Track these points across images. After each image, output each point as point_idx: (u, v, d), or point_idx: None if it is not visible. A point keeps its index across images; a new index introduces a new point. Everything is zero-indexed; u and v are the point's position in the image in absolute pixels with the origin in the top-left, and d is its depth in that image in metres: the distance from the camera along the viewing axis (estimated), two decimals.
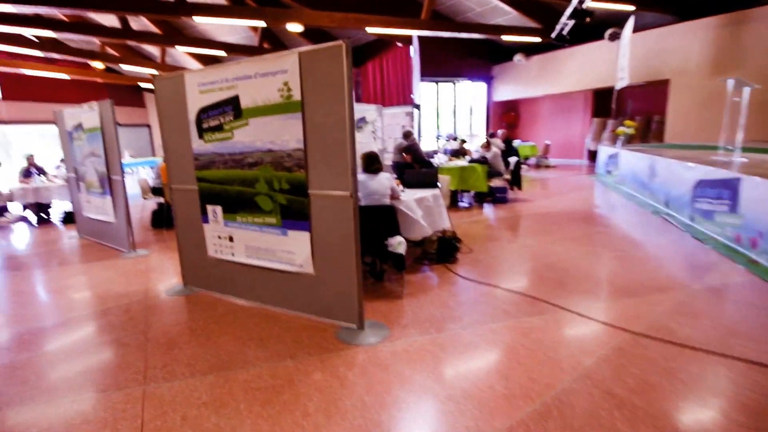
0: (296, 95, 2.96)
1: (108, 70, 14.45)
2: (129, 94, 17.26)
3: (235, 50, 11.11)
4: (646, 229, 5.80)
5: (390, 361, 2.74)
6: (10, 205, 8.04)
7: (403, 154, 5.18)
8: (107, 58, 11.40)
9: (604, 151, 10.70)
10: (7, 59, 11.47)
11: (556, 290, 3.73)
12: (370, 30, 9.49)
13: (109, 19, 11.11)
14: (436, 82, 14.90)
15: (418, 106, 13.27)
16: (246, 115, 3.23)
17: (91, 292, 4.25)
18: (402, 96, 14.65)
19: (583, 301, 3.50)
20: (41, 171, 8.25)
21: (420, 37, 11.00)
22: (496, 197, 7.97)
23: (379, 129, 9.32)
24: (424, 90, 14.43)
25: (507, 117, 16.68)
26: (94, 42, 11.66)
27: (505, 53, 14.52)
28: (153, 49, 13.33)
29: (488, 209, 7.63)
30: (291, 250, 3.26)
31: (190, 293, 3.98)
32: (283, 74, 2.99)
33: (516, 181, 8.20)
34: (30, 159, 8.28)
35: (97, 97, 16.05)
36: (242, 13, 7.76)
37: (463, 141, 8.94)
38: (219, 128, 3.40)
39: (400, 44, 13.73)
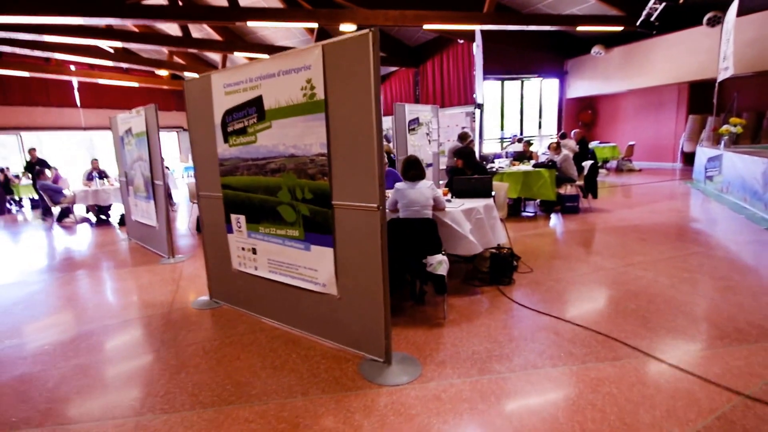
0: (320, 94, 2.58)
1: (174, 77, 15.31)
2: None
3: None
4: (760, 251, 4.70)
5: (417, 409, 2.25)
6: (76, 207, 8.58)
7: (456, 158, 4.62)
8: (173, 66, 12.02)
9: (704, 153, 9.21)
10: (86, 69, 12.58)
11: (637, 328, 2.98)
12: (427, 27, 8.97)
13: (174, 29, 11.68)
14: (502, 80, 14.00)
15: (480, 106, 12.53)
16: (269, 117, 2.90)
17: (119, 301, 4.18)
18: (463, 96, 13.95)
19: (674, 345, 2.74)
20: (103, 174, 8.72)
21: (483, 32, 10.29)
22: (565, 206, 7.09)
23: (434, 131, 8.77)
24: (487, 89, 13.63)
25: (582, 115, 15.27)
26: (162, 51, 12.35)
27: (581, 45, 13.26)
28: (216, 57, 13.88)
29: (556, 220, 6.79)
30: (314, 267, 2.88)
31: (216, 307, 3.75)
32: (307, 71, 2.62)
33: (591, 188, 7.24)
34: (94, 163, 8.82)
35: (165, 103, 17.32)
36: (295, 15, 7.65)
37: (528, 142, 8.11)
38: (243, 131, 3.11)
39: (461, 41, 13.07)
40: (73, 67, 12.32)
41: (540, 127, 15.10)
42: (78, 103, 14.60)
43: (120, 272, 5.14)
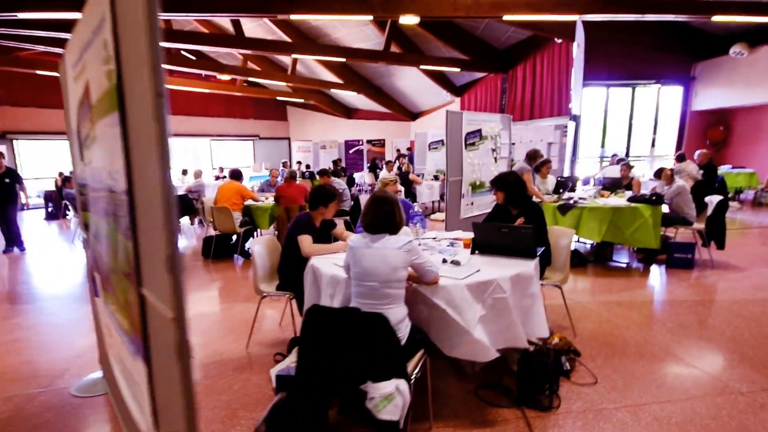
0: (115, 72, 1.32)
1: (251, 84, 15.36)
2: (271, 108, 18.08)
3: (359, 56, 10.25)
4: None
5: None
6: None
7: (495, 189, 3.17)
8: (248, 72, 11.88)
9: None
10: (167, 76, 12.94)
11: None
12: (508, 18, 7.38)
13: (247, 31, 11.47)
14: (608, 86, 11.71)
15: (575, 118, 10.51)
16: (95, 118, 1.73)
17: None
18: (557, 106, 11.88)
19: None
20: None
21: (587, 27, 8.37)
22: (673, 258, 5.10)
23: (504, 146, 7.19)
24: (589, 97, 11.50)
25: (711, 132, 12.20)
26: (237, 57, 12.31)
27: (715, 44, 10.47)
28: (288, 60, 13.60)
29: (657, 277, 4.87)
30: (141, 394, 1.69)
31: (103, 393, 2.73)
32: (102, 31, 1.38)
33: (715, 233, 5.15)
34: None
35: (242, 110, 17.56)
36: (346, 7, 6.67)
37: (628, 165, 6.15)
38: (87, 141, 1.94)
39: (559, 40, 11.09)
40: None
41: (653, 145, 12.42)
42: None
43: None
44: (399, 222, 2.12)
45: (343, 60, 10.60)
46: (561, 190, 5.63)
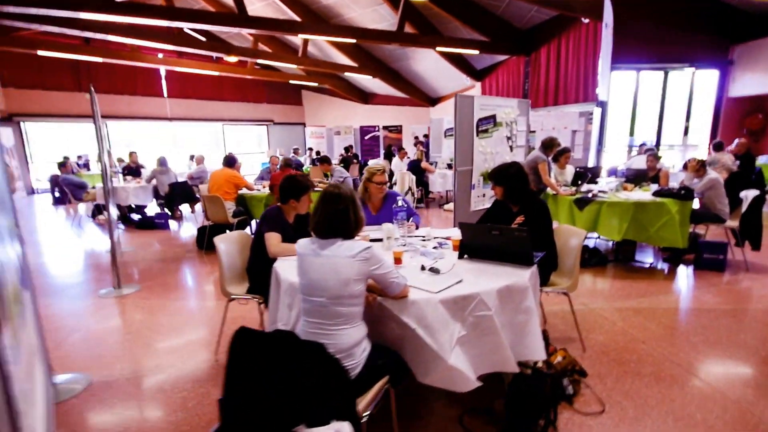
0: None
1: (264, 67, 14.99)
2: (286, 92, 17.49)
3: (370, 36, 9.78)
4: None
5: None
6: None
7: (492, 183, 2.77)
8: (257, 54, 11.52)
9: None
10: (175, 58, 12.64)
11: None
12: None
13: (256, 10, 11.10)
14: (638, 70, 10.92)
15: (602, 104, 9.86)
16: None
17: None
18: (582, 91, 11.17)
19: None
20: (136, 170, 8.16)
21: (615, 4, 7.71)
22: (702, 259, 4.60)
23: (521, 134, 6.71)
24: (618, 82, 10.77)
25: (750, 121, 11.26)
26: (248, 38, 11.96)
27: (757, 25, 9.57)
28: (309, 47, 13.18)
29: (683, 280, 4.40)
30: None
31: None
32: None
33: (750, 232, 4.61)
34: (132, 156, 8.42)
35: (255, 95, 17.09)
36: None
37: (655, 155, 5.59)
38: None
39: (586, 20, 10.35)
40: (160, 55, 12.54)
41: (686, 134, 11.58)
42: (165, 93, 14.79)
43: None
44: (356, 223, 1.77)
45: (353, 41, 10.14)
46: (579, 182, 5.15)
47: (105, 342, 3.21)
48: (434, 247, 2.55)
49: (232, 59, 11.76)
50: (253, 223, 5.83)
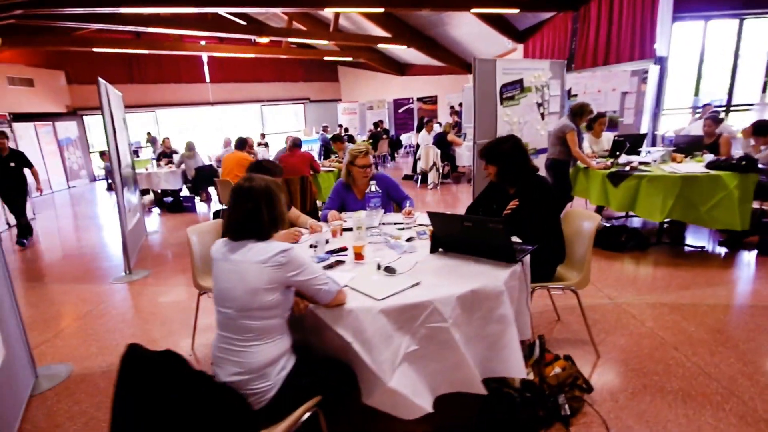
0: None
1: (300, 46, 14.75)
2: (321, 69, 17.32)
3: (398, 4, 9.17)
4: None
5: None
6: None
7: (483, 160, 2.35)
8: (290, 33, 11.31)
9: None
10: (215, 44, 12.81)
11: None
12: None
13: None
14: (706, 19, 9.52)
15: (661, 60, 8.75)
16: None
17: None
18: (638, 48, 9.92)
19: None
20: (169, 155, 8.29)
21: None
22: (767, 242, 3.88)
23: (554, 99, 6.02)
24: (680, 34, 9.47)
25: None
26: (282, 18, 11.73)
27: None
28: (342, 21, 12.76)
29: (743, 268, 3.73)
30: None
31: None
32: None
33: None
34: (166, 142, 8.59)
35: (292, 74, 17.01)
36: None
37: (715, 119, 4.74)
38: None
39: None
40: (203, 42, 12.76)
41: (765, 90, 10.03)
42: (207, 78, 15.13)
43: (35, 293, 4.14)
44: (271, 222, 1.47)
45: (381, 10, 9.60)
46: (618, 153, 4.49)
47: (98, 331, 3.19)
48: (408, 239, 2.21)
49: (264, 40, 11.68)
50: None
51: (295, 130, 16.85)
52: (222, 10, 9.41)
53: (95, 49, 11.15)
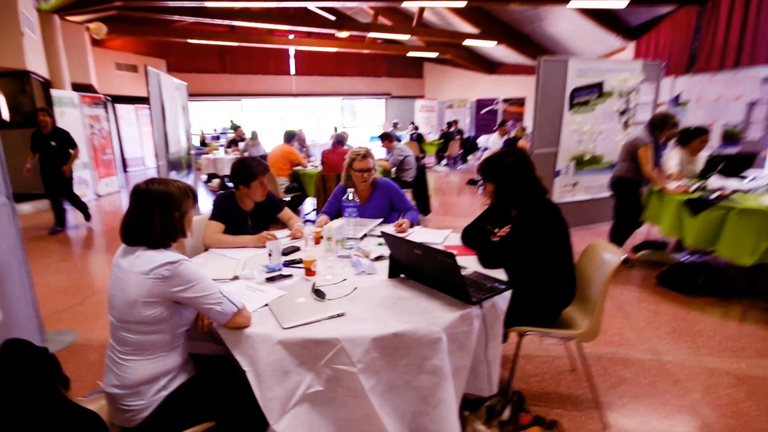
0: None
1: (385, 41, 14.72)
2: (406, 65, 17.08)
3: None
4: None
5: None
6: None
7: (481, 177, 2.00)
8: (371, 28, 11.34)
9: None
10: (303, 37, 13.30)
11: None
12: None
13: None
14: None
15: None
16: None
17: None
18: None
19: None
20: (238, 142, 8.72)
21: None
22: None
23: (645, 107, 5.21)
24: None
25: None
26: (368, 13, 11.80)
27: None
28: (429, 16, 12.49)
29: None
30: None
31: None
32: None
33: None
34: (238, 131, 9.10)
35: (375, 69, 17.04)
36: None
37: None
38: None
39: None
40: (291, 36, 13.33)
41: None
42: (293, 71, 15.73)
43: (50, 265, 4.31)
44: (164, 229, 1.34)
45: (463, 4, 9.16)
46: (708, 175, 3.69)
47: None
48: (378, 258, 1.96)
49: (344, 34, 11.89)
50: (308, 200, 5.72)
51: (374, 126, 17.04)
52: (311, 5, 9.74)
53: (190, 41, 12.17)
